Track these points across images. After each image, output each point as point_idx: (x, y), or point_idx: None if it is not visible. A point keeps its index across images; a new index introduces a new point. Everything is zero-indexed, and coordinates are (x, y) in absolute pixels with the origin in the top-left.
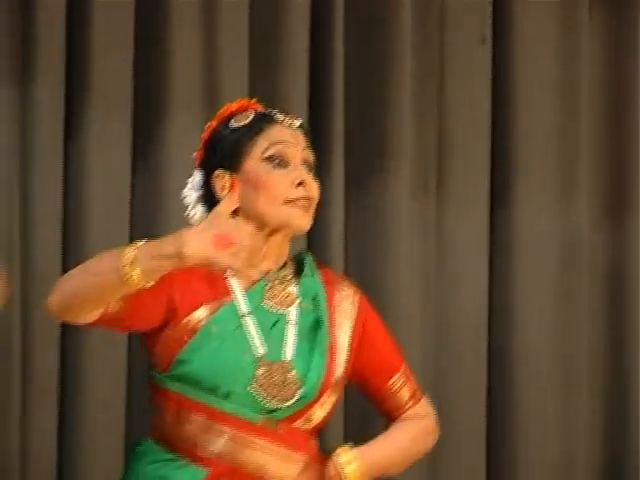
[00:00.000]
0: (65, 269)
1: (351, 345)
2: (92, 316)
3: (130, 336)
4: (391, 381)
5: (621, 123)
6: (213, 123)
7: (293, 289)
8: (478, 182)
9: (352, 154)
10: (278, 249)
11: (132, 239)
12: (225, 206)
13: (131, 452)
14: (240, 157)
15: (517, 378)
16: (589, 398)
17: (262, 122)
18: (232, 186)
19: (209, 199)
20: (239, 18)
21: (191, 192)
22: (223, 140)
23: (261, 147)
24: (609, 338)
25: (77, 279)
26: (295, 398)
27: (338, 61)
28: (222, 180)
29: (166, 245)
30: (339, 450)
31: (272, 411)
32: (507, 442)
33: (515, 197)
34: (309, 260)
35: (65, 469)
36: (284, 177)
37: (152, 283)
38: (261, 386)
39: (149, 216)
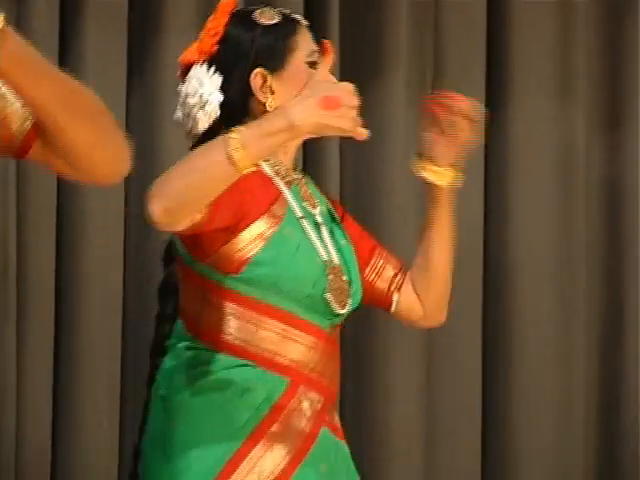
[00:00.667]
0: (59, 192)
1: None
2: (189, 220)
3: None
4: (375, 256)
5: (621, 28)
6: (222, 19)
7: (309, 188)
8: (474, 86)
9: (347, 56)
10: (297, 150)
11: None
12: (323, 72)
13: (176, 362)
14: (283, 58)
15: (514, 283)
16: (586, 300)
17: (293, 23)
18: (326, 50)
19: (229, 99)
20: None
21: (213, 92)
22: (257, 39)
23: (303, 51)
24: (606, 243)
25: (183, 179)
26: (348, 303)
27: None
28: (262, 79)
29: (273, 121)
30: None
31: (335, 317)
32: (503, 346)
33: (511, 102)
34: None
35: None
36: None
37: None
38: (332, 292)
39: (146, 131)
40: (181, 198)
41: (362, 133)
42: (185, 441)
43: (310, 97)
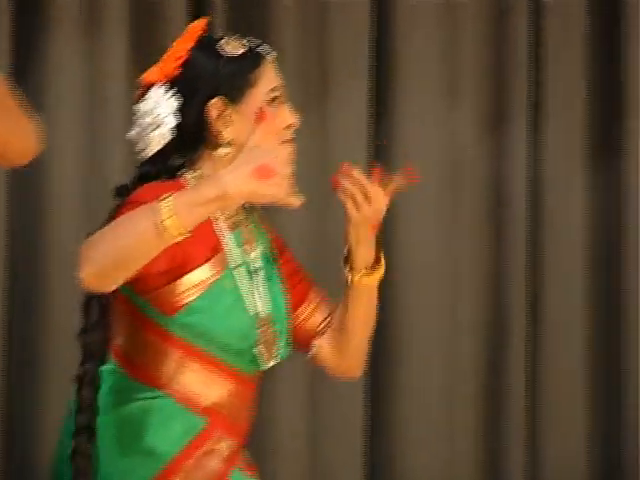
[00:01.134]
0: None
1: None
2: (121, 283)
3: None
4: (308, 299)
5: (504, 28)
6: (188, 43)
7: (252, 229)
8: (360, 87)
9: None
10: None
11: None
12: (257, 138)
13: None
14: (242, 91)
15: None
16: (471, 303)
17: (258, 57)
18: (261, 117)
19: (185, 124)
20: None
21: (168, 115)
22: (219, 69)
23: (262, 88)
24: (490, 248)
25: (110, 245)
26: (277, 354)
27: None
28: (219, 109)
29: (206, 190)
30: None
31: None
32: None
33: (398, 103)
34: None
35: None
36: (283, 117)
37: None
38: (262, 345)
39: None
40: (111, 264)
41: (295, 202)
42: (100, 466)
43: (243, 166)
